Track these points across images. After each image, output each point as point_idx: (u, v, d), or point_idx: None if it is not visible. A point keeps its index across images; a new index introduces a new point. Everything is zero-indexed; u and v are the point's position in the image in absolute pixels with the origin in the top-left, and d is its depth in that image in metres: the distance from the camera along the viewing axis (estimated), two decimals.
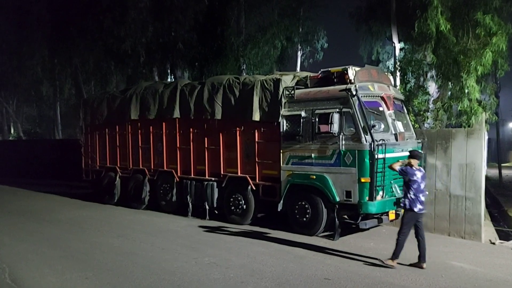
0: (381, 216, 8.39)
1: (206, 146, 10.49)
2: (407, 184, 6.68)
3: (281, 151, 9.12)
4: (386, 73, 9.52)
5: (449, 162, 9.42)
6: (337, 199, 8.28)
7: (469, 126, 9.43)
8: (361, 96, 8.24)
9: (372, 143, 7.87)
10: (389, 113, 8.63)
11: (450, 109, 9.49)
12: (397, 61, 11.60)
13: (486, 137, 9.48)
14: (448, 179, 9.43)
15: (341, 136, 8.21)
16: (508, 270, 6.86)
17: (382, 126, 8.10)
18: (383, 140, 8.00)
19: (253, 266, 6.80)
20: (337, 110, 8.28)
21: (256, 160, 9.58)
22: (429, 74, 10.61)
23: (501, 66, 9.33)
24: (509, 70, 10.02)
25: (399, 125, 8.83)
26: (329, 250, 7.69)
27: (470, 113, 8.99)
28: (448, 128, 9.75)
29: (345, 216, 8.72)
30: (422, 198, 6.68)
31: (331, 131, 8.22)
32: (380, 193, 8.02)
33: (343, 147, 8.20)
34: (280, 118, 9.12)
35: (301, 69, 16.62)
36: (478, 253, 7.94)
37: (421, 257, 6.74)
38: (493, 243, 8.91)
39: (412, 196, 6.60)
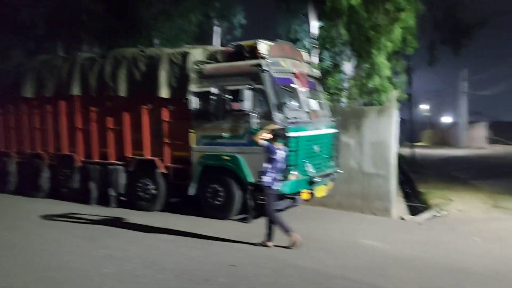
0: (295, 196, 8.15)
1: (110, 126, 9.54)
2: (269, 161, 6.47)
3: (192, 130, 8.50)
4: (300, 50, 9.20)
5: (362, 140, 9.44)
6: (251, 180, 7.87)
7: (380, 104, 9.47)
8: (273, 72, 7.84)
9: (285, 121, 7.53)
10: (302, 90, 8.35)
11: (363, 87, 9.46)
12: (312, 39, 11.39)
13: (397, 115, 9.57)
14: (361, 157, 9.46)
15: (253, 114, 7.77)
16: (415, 246, 6.93)
17: (295, 103, 7.76)
18: (296, 118, 7.69)
19: (154, 256, 6.19)
20: (249, 86, 7.81)
21: (166, 141, 8.87)
22: (344, 53, 10.51)
23: (410, 43, 9.43)
24: (419, 48, 10.19)
25: (313, 103, 8.59)
26: (241, 233, 7.29)
27: (381, 91, 9.00)
28: (361, 107, 9.74)
29: (261, 197, 8.36)
30: (280, 177, 6.56)
31: (243, 109, 7.76)
32: (294, 172, 7.74)
33: (255, 125, 7.77)
34: (190, 95, 8.48)
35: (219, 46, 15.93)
36: (388, 229, 8.01)
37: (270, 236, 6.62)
38: (403, 219, 9.11)
39: (273, 174, 6.44)
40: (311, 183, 8.00)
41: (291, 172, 7.65)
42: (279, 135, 6.60)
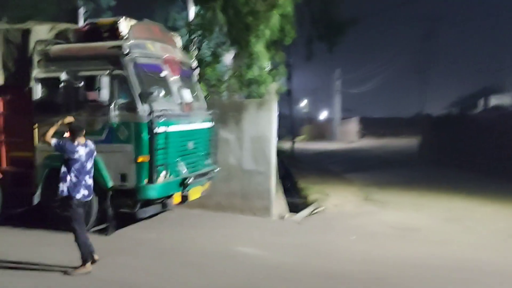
0: (165, 200, 7.13)
1: None
2: (66, 163, 5.27)
3: (36, 125, 6.93)
4: (173, 34, 8.15)
5: (242, 135, 8.81)
6: (110, 184, 6.63)
7: (260, 97, 8.92)
8: (137, 56, 6.69)
9: (151, 114, 6.45)
10: (173, 79, 7.33)
11: (241, 78, 8.79)
12: (189, 25, 10.38)
13: (277, 109, 9.13)
14: (240, 153, 8.83)
15: (112, 105, 6.53)
16: (293, 251, 6.38)
17: (163, 93, 6.72)
18: (166, 110, 6.66)
19: None
20: (107, 72, 6.54)
21: (1, 138, 7.13)
22: (223, 42, 9.72)
23: (288, 32, 8.99)
24: (297, 44, 9.88)
25: (187, 94, 7.62)
26: (99, 250, 6.01)
27: (260, 82, 8.42)
28: (240, 99, 9.08)
29: (128, 204, 7.10)
30: (88, 182, 5.32)
31: (99, 99, 6.47)
32: (163, 173, 6.70)
33: (116, 119, 6.55)
34: (33, 81, 6.90)
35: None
36: (267, 232, 7.44)
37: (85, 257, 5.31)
38: (283, 218, 8.70)
39: (74, 179, 5.25)
40: (184, 184, 7.06)
41: (160, 173, 6.64)
42: (75, 130, 5.35)
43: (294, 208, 10.65)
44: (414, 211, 9.25)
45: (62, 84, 6.75)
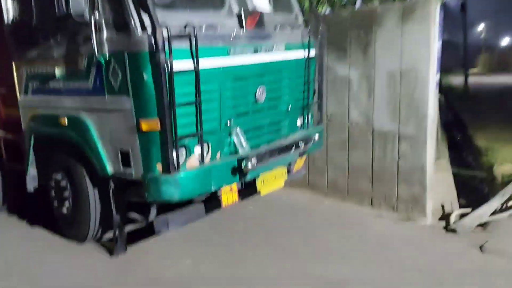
0: (208, 197, 3.93)
1: None
2: None
3: (14, 64, 4.29)
4: None
5: (372, 71, 4.96)
6: (110, 169, 3.66)
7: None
8: None
9: (157, 34, 3.10)
10: None
11: None
12: None
13: (440, 21, 4.86)
14: (369, 103, 5.05)
15: (96, 21, 3.39)
16: None
17: None
18: (191, 26, 3.23)
19: None
20: None
21: None
22: None
23: None
24: None
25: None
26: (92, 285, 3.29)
27: None
28: (370, 7, 5.03)
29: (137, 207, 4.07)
30: None
31: (76, 13, 3.37)
32: (197, 151, 3.47)
33: (104, 47, 3.41)
34: None
35: None
36: (412, 268, 3.63)
37: None
38: (448, 222, 4.72)
39: None
40: (242, 170, 3.67)
41: (189, 152, 3.42)
42: None
43: (467, 189, 6.39)
44: None
45: None
